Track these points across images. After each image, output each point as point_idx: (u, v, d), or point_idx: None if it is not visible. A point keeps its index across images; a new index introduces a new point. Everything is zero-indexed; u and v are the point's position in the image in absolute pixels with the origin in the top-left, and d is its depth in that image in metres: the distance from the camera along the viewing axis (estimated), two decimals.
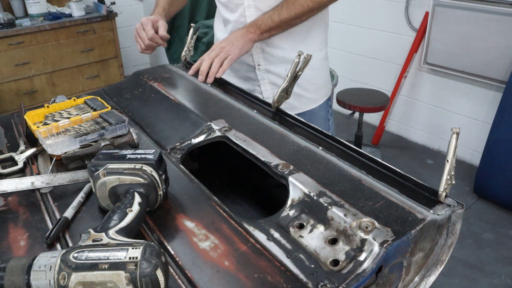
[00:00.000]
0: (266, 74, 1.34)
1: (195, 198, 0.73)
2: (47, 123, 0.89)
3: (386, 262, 0.58)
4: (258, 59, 1.32)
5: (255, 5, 1.23)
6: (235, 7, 1.27)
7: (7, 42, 3.00)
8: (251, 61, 1.33)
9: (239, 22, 1.27)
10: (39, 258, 0.53)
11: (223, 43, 1.16)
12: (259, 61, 1.32)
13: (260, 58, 1.32)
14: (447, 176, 0.65)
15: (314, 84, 1.36)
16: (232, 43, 1.15)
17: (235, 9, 1.27)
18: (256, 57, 1.32)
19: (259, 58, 1.32)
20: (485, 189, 2.50)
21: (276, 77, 1.34)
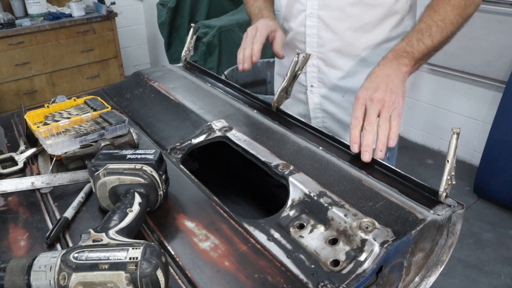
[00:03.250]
0: (319, 99, 1.15)
1: (195, 198, 0.73)
2: (47, 123, 0.89)
3: (387, 262, 0.58)
4: (311, 78, 1.12)
5: (319, 14, 1.05)
6: (297, 13, 1.10)
7: (7, 42, 3.00)
8: (303, 80, 1.15)
9: (297, 32, 1.11)
10: (39, 258, 0.53)
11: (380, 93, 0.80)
12: (312, 81, 1.13)
13: (314, 77, 1.12)
14: (447, 176, 0.65)
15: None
16: (390, 90, 0.81)
17: (296, 16, 1.11)
18: (310, 76, 1.12)
19: (313, 78, 1.12)
20: (485, 189, 2.50)
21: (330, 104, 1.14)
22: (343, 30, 1.05)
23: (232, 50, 2.97)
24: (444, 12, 0.90)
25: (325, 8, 1.04)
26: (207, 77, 1.20)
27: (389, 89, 0.81)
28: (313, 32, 1.08)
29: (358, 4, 1.01)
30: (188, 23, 3.23)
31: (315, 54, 1.10)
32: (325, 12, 1.04)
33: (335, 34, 1.05)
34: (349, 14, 1.02)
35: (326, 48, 1.08)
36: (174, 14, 3.22)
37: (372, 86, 0.82)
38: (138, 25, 4.19)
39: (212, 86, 1.13)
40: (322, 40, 1.08)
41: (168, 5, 3.18)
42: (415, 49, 0.88)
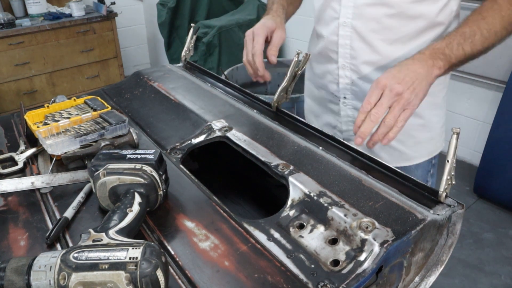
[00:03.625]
0: (352, 111, 1.08)
1: (195, 198, 0.73)
2: (47, 123, 0.89)
3: (387, 262, 0.58)
4: (344, 90, 1.05)
5: (353, 24, 0.97)
6: (329, 20, 1.03)
7: (7, 42, 3.00)
8: (336, 90, 1.08)
9: (329, 41, 1.04)
10: (39, 258, 0.53)
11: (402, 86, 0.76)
12: (345, 93, 1.06)
13: (347, 89, 1.05)
14: (447, 176, 0.65)
15: (413, 137, 1.04)
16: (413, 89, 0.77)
17: (328, 22, 1.03)
18: (343, 87, 1.05)
19: (346, 90, 1.05)
20: (485, 189, 2.50)
21: None
22: (378, 42, 0.97)
23: (232, 50, 2.97)
24: (492, 21, 0.83)
25: (360, 18, 0.96)
26: (207, 77, 1.20)
27: (412, 87, 0.77)
28: (346, 43, 1.00)
29: (397, 15, 0.93)
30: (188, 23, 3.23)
31: (348, 66, 1.03)
32: (359, 22, 0.96)
33: (370, 46, 0.98)
34: (386, 26, 0.94)
35: (360, 60, 1.01)
36: (174, 14, 3.22)
37: (398, 76, 0.77)
38: (138, 25, 4.18)
39: (212, 86, 1.13)
40: (355, 51, 1.00)
41: (168, 5, 3.18)
42: (454, 54, 0.82)
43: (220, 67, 2.87)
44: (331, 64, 1.06)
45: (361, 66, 1.01)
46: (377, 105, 0.77)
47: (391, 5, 0.92)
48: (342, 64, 1.03)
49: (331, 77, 1.08)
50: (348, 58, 1.02)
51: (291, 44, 3.24)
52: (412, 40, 0.96)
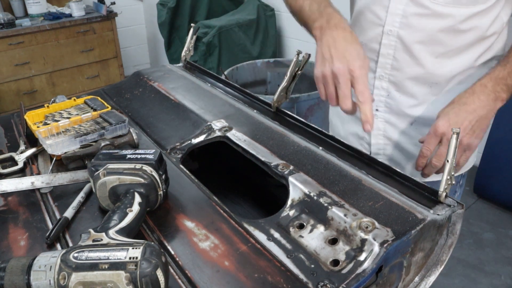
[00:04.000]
0: (384, 124, 1.02)
1: (195, 198, 0.73)
2: (47, 123, 0.89)
3: (386, 262, 0.58)
4: (378, 102, 1.00)
5: (399, 33, 0.90)
6: (369, 26, 0.95)
7: (7, 42, 3.00)
8: None
9: (368, 48, 0.96)
10: (39, 258, 0.53)
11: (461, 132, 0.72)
12: (378, 105, 1.00)
13: (381, 102, 0.99)
14: (447, 176, 0.65)
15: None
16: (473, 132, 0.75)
17: (367, 28, 0.96)
18: (377, 100, 0.99)
19: (380, 102, 0.99)
20: (485, 189, 2.50)
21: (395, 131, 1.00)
22: (424, 55, 0.91)
23: (232, 50, 2.97)
24: None
25: (407, 27, 0.89)
26: (207, 77, 1.20)
27: (471, 131, 0.75)
28: (388, 53, 0.93)
29: (449, 28, 0.87)
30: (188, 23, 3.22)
31: (387, 77, 0.96)
32: (407, 32, 0.89)
33: (415, 59, 0.92)
34: (435, 39, 0.88)
35: (401, 72, 0.94)
36: (174, 14, 3.22)
37: (456, 121, 0.76)
38: (138, 25, 4.19)
39: (212, 86, 1.13)
40: (398, 63, 0.94)
41: (168, 5, 3.18)
42: None
43: (220, 67, 2.87)
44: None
45: (402, 78, 0.95)
46: (437, 154, 0.78)
47: (444, 17, 0.85)
48: (380, 75, 0.97)
49: None
50: (388, 69, 0.95)
51: (291, 44, 3.24)
52: (459, 54, 0.91)
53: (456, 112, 0.77)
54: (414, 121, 0.99)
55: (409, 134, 1.00)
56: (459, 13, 0.85)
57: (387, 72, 0.96)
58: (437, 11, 0.85)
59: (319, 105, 2.28)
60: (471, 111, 0.76)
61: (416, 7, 0.87)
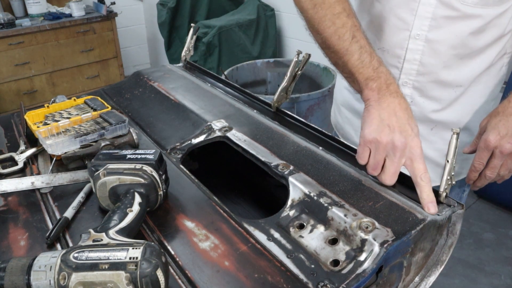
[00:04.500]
0: None
1: (195, 198, 0.73)
2: (47, 123, 0.89)
3: (387, 262, 0.58)
4: None
5: (428, 37, 0.87)
6: (393, 31, 0.91)
7: (7, 42, 3.00)
8: None
9: (390, 54, 0.92)
10: (39, 258, 0.53)
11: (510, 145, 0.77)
12: None
13: None
14: (447, 176, 0.65)
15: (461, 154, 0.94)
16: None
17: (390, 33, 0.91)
18: None
19: None
20: (485, 189, 2.49)
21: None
22: (451, 57, 0.89)
23: (232, 50, 2.97)
24: None
25: (437, 29, 0.86)
26: (207, 77, 1.20)
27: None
28: (415, 58, 0.90)
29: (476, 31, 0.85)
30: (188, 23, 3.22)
31: (411, 83, 0.93)
32: (436, 34, 0.86)
33: (442, 62, 0.89)
34: (464, 41, 0.87)
35: (427, 77, 0.91)
36: (174, 14, 3.22)
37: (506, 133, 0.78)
38: (138, 25, 4.18)
39: (212, 86, 1.13)
40: (424, 67, 0.90)
41: (168, 5, 3.18)
42: None
43: (220, 67, 2.87)
44: None
45: (427, 83, 0.92)
46: (489, 166, 0.81)
47: (473, 18, 0.84)
48: (404, 81, 0.94)
49: None
50: (413, 75, 0.92)
51: (291, 44, 3.24)
52: (480, 54, 0.90)
53: (505, 124, 0.79)
54: (434, 126, 0.97)
55: (430, 139, 0.99)
56: (486, 13, 0.84)
57: (411, 78, 0.93)
58: (467, 13, 0.84)
59: (319, 105, 2.28)
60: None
61: (446, 9, 0.84)
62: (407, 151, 0.69)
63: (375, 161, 0.70)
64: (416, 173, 0.68)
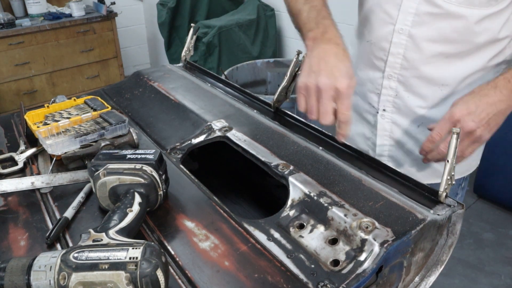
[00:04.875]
0: (390, 125, 1.00)
1: (195, 198, 0.73)
2: (47, 123, 0.89)
3: (387, 262, 0.58)
4: (385, 102, 0.99)
5: (411, 32, 0.89)
6: (379, 24, 0.94)
7: (7, 42, 3.00)
8: (374, 101, 1.01)
9: (378, 47, 0.96)
10: (39, 258, 0.53)
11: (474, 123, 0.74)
12: (386, 105, 0.99)
13: (389, 101, 0.98)
14: (447, 176, 0.65)
15: None
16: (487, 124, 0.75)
17: (376, 27, 0.95)
18: (384, 99, 0.99)
19: (388, 102, 0.98)
20: (485, 189, 2.50)
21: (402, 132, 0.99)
22: (435, 54, 0.90)
23: (232, 50, 2.97)
24: None
25: (420, 26, 0.88)
26: (207, 77, 1.20)
27: (487, 124, 0.75)
28: (398, 52, 0.92)
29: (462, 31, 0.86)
30: (188, 23, 3.22)
31: (396, 77, 0.95)
32: (419, 31, 0.88)
33: (425, 58, 0.91)
34: (448, 38, 0.88)
35: (411, 72, 0.93)
36: (174, 14, 3.22)
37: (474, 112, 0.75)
38: (138, 25, 4.18)
39: (212, 86, 1.13)
40: (408, 62, 0.93)
41: (168, 5, 3.18)
42: None
43: (220, 67, 2.87)
44: (374, 72, 0.99)
45: (411, 78, 0.94)
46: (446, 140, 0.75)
47: (457, 17, 0.85)
48: (389, 74, 0.96)
49: (372, 86, 1.00)
50: (397, 68, 0.94)
51: (291, 44, 3.24)
52: (470, 56, 0.90)
53: (476, 102, 0.76)
54: (421, 123, 0.97)
55: (416, 136, 0.99)
56: (472, 14, 0.84)
57: (396, 71, 0.95)
58: (450, 11, 0.85)
59: None
60: (491, 103, 0.75)
61: (429, 6, 0.86)
62: (333, 91, 0.72)
63: (309, 105, 0.76)
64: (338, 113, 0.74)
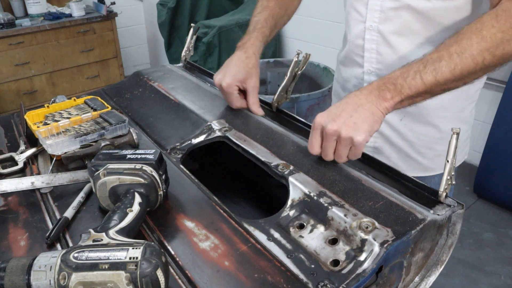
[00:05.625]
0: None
1: (195, 198, 0.73)
2: (47, 123, 0.89)
3: (386, 262, 0.58)
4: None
5: (379, 28, 0.94)
6: (354, 24, 0.99)
7: (7, 42, 3.00)
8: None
9: (355, 45, 1.01)
10: (39, 258, 0.53)
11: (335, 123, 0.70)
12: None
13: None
14: (447, 176, 0.65)
15: (434, 149, 1.00)
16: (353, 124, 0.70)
17: (353, 26, 1.00)
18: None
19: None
20: (485, 189, 2.50)
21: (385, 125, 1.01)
22: (405, 46, 0.93)
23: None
24: (467, 43, 0.70)
25: (386, 21, 0.93)
26: (207, 77, 1.20)
27: (350, 121, 0.70)
28: (372, 47, 0.97)
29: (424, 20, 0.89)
30: (188, 23, 3.23)
31: (374, 71, 0.99)
32: (386, 26, 0.93)
33: (396, 51, 0.95)
34: (413, 30, 0.91)
35: (386, 65, 0.97)
36: (174, 14, 3.23)
37: (334, 112, 0.72)
38: (138, 25, 4.19)
39: (212, 86, 1.13)
40: (381, 56, 0.97)
41: (168, 5, 3.18)
42: (407, 84, 0.71)
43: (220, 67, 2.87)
44: (356, 68, 1.04)
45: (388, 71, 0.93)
46: (322, 149, 0.74)
47: (418, 11, 0.88)
48: (367, 69, 1.01)
49: (356, 81, 1.05)
50: (374, 63, 0.99)
51: (291, 44, 3.24)
52: None
53: (337, 105, 0.74)
54: (403, 117, 0.99)
55: (399, 129, 1.02)
56: (433, 7, 0.87)
57: (373, 66, 1.00)
58: (411, 5, 0.88)
59: (319, 105, 2.28)
60: (352, 103, 0.72)
61: (391, 1, 0.90)
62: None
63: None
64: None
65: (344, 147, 0.71)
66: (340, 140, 0.70)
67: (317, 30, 2.96)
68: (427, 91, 0.72)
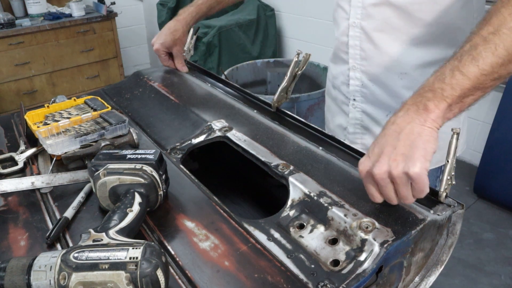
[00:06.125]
0: (361, 114, 1.06)
1: (195, 198, 0.73)
2: (47, 123, 0.89)
3: (387, 262, 0.58)
4: (354, 92, 1.04)
5: (362, 24, 0.96)
6: (340, 21, 1.02)
7: (7, 42, 3.00)
8: (347, 92, 1.07)
9: (340, 41, 1.03)
10: (39, 258, 0.53)
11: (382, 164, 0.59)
12: (355, 94, 1.05)
13: (357, 91, 1.04)
14: (447, 176, 0.65)
15: None
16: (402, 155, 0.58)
17: (339, 23, 1.03)
18: (353, 89, 1.04)
19: (356, 92, 1.04)
20: (485, 189, 2.50)
21: (372, 121, 1.04)
22: (388, 42, 0.94)
23: (232, 50, 2.97)
24: (499, 19, 0.61)
25: (368, 18, 0.94)
26: (207, 77, 1.20)
27: (398, 155, 0.59)
28: (355, 44, 0.99)
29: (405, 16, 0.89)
30: None
31: (358, 67, 1.01)
32: (368, 22, 0.95)
33: (379, 47, 0.96)
34: (394, 26, 0.92)
35: (370, 61, 0.99)
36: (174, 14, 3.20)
37: (375, 153, 0.62)
38: (138, 25, 4.18)
39: (212, 86, 1.13)
40: (365, 52, 0.99)
41: (168, 5, 3.18)
42: (448, 84, 0.61)
43: (220, 67, 2.87)
44: (342, 65, 1.06)
45: (372, 67, 0.99)
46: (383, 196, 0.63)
47: (397, 6, 0.89)
48: (352, 66, 1.02)
49: (343, 77, 1.07)
50: (358, 59, 1.00)
51: (291, 44, 3.24)
52: (427, 45, 0.91)
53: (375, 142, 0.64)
54: (389, 112, 1.00)
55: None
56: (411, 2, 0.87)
57: (358, 62, 1.01)
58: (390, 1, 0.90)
59: (319, 105, 2.28)
60: (390, 134, 0.62)
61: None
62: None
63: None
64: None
65: (402, 186, 0.59)
66: (395, 180, 0.59)
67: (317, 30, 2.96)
68: (475, 86, 0.62)
